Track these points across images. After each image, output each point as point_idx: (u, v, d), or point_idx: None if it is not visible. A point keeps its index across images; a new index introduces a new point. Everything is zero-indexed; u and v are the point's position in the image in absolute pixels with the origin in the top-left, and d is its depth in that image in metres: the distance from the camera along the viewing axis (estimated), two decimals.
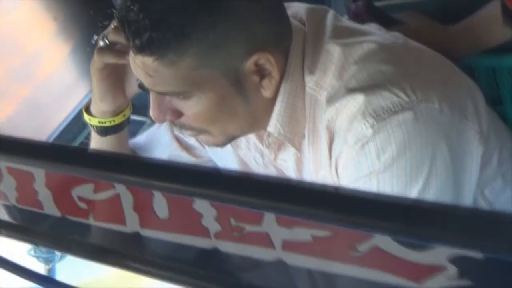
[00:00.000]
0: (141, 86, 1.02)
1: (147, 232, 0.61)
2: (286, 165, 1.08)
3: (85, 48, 1.11)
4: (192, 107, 0.97)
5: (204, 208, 0.57)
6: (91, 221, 0.65)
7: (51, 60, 2.00)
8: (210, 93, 0.95)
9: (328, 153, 0.99)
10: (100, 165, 0.58)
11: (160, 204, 0.59)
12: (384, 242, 0.54)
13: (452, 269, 0.52)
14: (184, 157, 1.25)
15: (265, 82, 0.97)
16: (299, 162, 1.06)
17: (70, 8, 1.96)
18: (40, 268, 1.94)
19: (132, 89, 1.13)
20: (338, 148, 0.97)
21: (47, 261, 1.94)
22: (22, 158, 0.63)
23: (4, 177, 0.68)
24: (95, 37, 1.08)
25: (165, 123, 1.25)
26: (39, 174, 0.64)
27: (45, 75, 1.97)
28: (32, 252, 1.89)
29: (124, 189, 0.60)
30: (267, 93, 0.97)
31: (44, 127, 1.91)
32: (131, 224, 0.61)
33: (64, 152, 0.62)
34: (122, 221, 0.61)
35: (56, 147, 0.74)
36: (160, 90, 0.97)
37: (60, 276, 2.00)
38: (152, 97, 0.99)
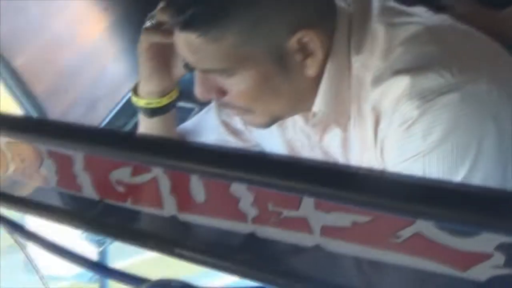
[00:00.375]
0: (186, 66, 1.02)
1: (184, 216, 0.61)
2: (332, 146, 1.07)
3: (138, 37, 1.11)
4: (235, 85, 0.96)
5: (241, 192, 0.56)
6: (129, 205, 0.65)
7: (105, 50, 2.02)
8: (253, 70, 0.95)
9: (373, 135, 0.97)
10: (137, 148, 0.57)
11: (197, 187, 0.58)
12: (426, 228, 0.52)
13: (498, 257, 0.50)
14: (231, 142, 1.25)
15: (309, 61, 0.96)
16: (345, 144, 1.04)
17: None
18: (92, 250, 1.97)
19: (178, 71, 1.13)
20: (384, 130, 0.95)
21: (99, 243, 1.97)
22: (61, 141, 0.63)
23: (44, 160, 0.68)
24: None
25: (213, 108, 1.25)
26: (78, 157, 0.64)
27: (98, 67, 2.00)
28: (84, 235, 1.92)
29: (161, 173, 0.60)
30: (310, 72, 0.96)
31: (95, 115, 1.93)
32: (169, 208, 0.61)
33: (101, 135, 0.62)
34: (160, 205, 0.61)
35: (94, 130, 0.74)
36: (204, 67, 0.97)
37: (112, 258, 2.03)
38: (197, 76, 1.00)
